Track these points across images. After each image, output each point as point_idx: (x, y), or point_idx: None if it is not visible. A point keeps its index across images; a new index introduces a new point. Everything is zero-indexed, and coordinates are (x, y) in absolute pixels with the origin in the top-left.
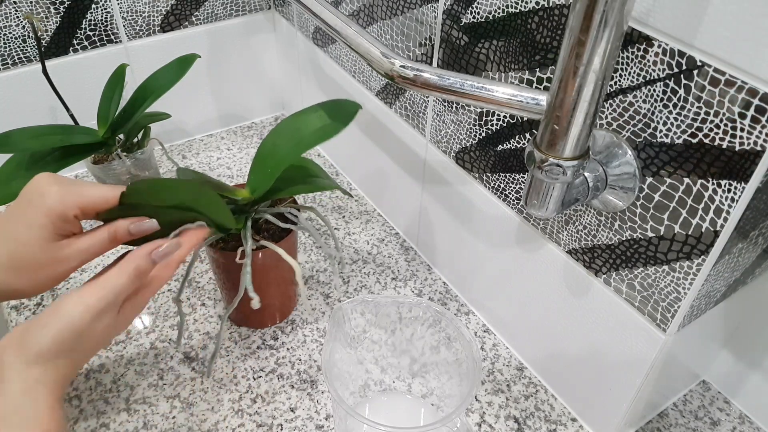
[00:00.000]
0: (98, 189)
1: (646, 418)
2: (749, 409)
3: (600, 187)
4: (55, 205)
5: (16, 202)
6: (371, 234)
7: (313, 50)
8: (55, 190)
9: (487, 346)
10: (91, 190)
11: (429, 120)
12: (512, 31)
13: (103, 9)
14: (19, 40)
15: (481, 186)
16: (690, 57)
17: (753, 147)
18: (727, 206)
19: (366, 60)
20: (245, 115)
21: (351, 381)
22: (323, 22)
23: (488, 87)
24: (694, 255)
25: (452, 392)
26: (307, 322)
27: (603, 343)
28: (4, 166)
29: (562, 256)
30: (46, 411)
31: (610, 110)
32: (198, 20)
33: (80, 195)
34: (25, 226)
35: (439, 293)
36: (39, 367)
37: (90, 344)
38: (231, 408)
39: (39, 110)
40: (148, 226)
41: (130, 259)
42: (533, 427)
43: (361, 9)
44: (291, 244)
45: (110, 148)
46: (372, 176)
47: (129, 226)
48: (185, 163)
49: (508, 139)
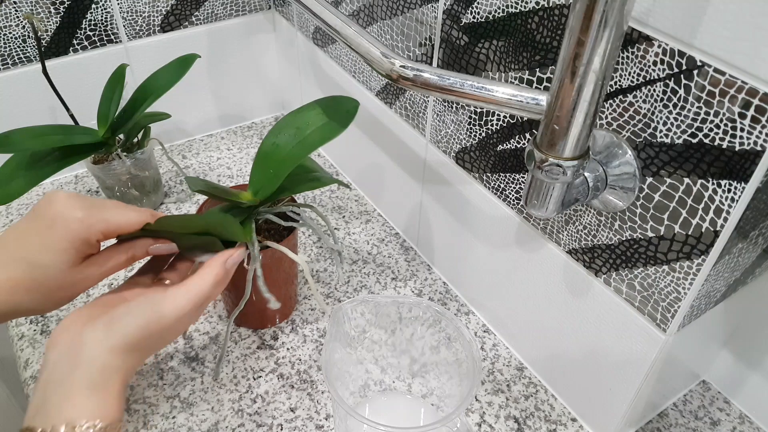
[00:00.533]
0: (122, 215)
1: (646, 418)
2: (749, 409)
3: (600, 187)
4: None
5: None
6: (371, 234)
7: (313, 50)
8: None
9: (487, 346)
10: (116, 217)
11: (429, 120)
12: (512, 31)
13: (103, 9)
14: (19, 40)
15: (481, 186)
16: (690, 57)
17: (753, 147)
18: (727, 206)
19: (366, 60)
20: (245, 115)
21: (351, 381)
22: (323, 22)
23: (488, 87)
24: (694, 255)
25: (452, 392)
26: (307, 322)
27: (603, 343)
28: (4, 166)
29: (562, 256)
30: (116, 397)
31: (610, 110)
32: (198, 20)
33: (106, 222)
34: (46, 249)
35: (439, 293)
36: (121, 354)
37: (164, 342)
38: (231, 408)
39: (39, 110)
40: (167, 249)
41: (210, 268)
42: (533, 427)
43: (361, 9)
44: (293, 243)
45: (110, 148)
46: (372, 176)
47: (150, 248)
48: (185, 163)
49: (508, 139)
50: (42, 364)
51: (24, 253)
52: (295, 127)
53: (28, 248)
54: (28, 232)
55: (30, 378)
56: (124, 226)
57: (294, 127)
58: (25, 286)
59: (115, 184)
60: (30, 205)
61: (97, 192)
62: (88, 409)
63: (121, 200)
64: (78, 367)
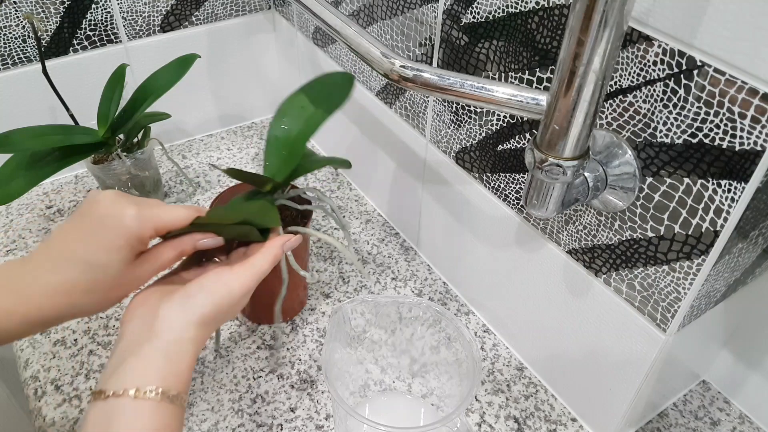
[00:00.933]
0: (173, 212)
1: (646, 418)
2: (749, 409)
3: (600, 187)
4: (134, 227)
5: (82, 222)
6: (371, 234)
7: (313, 50)
8: (132, 213)
9: (487, 346)
10: (167, 213)
11: (429, 120)
12: (512, 31)
13: (103, 9)
14: (19, 40)
15: (481, 186)
16: (690, 57)
17: (753, 147)
18: (727, 206)
19: (366, 60)
20: (245, 115)
21: (351, 381)
22: (323, 22)
23: (488, 87)
24: (694, 255)
25: (452, 392)
26: (307, 322)
27: (603, 343)
28: (4, 166)
29: (562, 256)
30: (187, 368)
31: (610, 110)
32: (198, 20)
33: (158, 217)
34: (102, 249)
35: (439, 293)
36: (196, 327)
37: (231, 315)
38: (231, 408)
39: (39, 110)
40: (213, 242)
41: (269, 248)
42: (533, 427)
43: (361, 9)
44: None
45: (110, 148)
46: (372, 176)
47: (198, 242)
48: (185, 163)
49: (508, 139)
50: (119, 335)
51: (80, 254)
52: (299, 107)
53: (84, 248)
54: (80, 233)
55: (30, 378)
56: (176, 221)
57: (298, 107)
58: (83, 287)
59: (115, 184)
60: (30, 205)
61: None
62: (160, 377)
63: None
64: (155, 337)
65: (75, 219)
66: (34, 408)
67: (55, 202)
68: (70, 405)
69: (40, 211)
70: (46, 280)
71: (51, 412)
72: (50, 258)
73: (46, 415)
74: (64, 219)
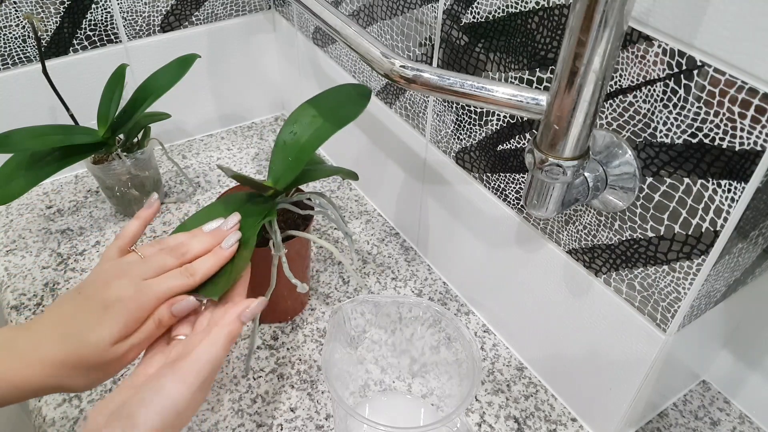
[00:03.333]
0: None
1: (646, 418)
2: (749, 409)
3: (600, 187)
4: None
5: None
6: (371, 234)
7: (313, 50)
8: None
9: (487, 346)
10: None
11: (429, 120)
12: (512, 31)
13: (103, 9)
14: (19, 40)
15: (481, 186)
16: (690, 57)
17: (753, 147)
18: (727, 206)
19: (366, 60)
20: (245, 115)
21: (351, 381)
22: (323, 22)
23: (488, 87)
24: (694, 255)
25: (452, 392)
26: (307, 322)
27: (603, 343)
28: (4, 166)
29: (562, 256)
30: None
31: (610, 110)
32: (198, 20)
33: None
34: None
35: (439, 293)
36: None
37: (186, 419)
38: (231, 408)
39: (39, 110)
40: (186, 304)
41: (221, 327)
42: (533, 427)
43: (361, 9)
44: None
45: (110, 148)
46: (372, 176)
47: (171, 309)
48: (185, 163)
49: (508, 139)
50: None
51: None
52: (310, 115)
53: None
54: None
55: None
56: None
57: (309, 115)
58: (72, 364)
59: (115, 184)
60: (30, 205)
61: (97, 192)
62: None
63: (121, 200)
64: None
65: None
66: (33, 408)
67: (55, 202)
68: (70, 405)
69: (40, 211)
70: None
71: (51, 412)
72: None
73: (45, 414)
74: (63, 219)
